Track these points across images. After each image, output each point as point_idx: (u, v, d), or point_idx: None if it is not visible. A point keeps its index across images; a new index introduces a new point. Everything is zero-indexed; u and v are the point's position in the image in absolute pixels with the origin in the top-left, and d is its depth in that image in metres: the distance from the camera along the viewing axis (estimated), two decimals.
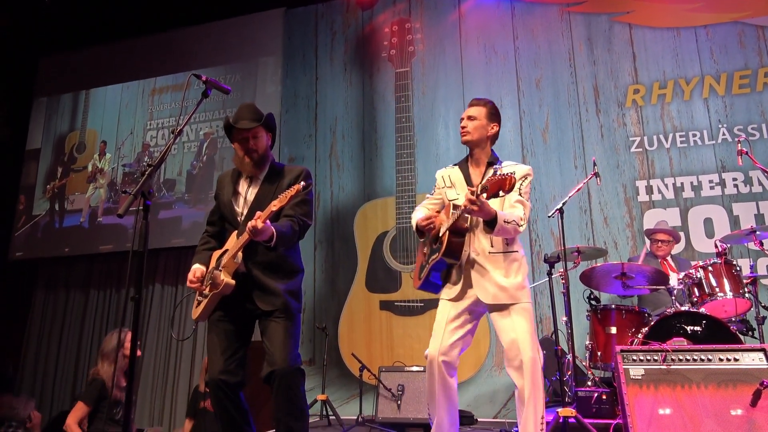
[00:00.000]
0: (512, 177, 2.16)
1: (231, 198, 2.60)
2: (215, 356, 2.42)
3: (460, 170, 2.70)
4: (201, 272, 2.48)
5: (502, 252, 2.51)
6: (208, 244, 2.66)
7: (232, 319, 2.47)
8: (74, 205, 7.02)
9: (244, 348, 2.49)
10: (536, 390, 2.37)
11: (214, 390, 2.38)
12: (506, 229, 2.40)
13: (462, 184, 2.63)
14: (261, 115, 2.55)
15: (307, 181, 2.52)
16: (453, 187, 2.68)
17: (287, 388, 2.34)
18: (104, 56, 7.37)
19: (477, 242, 2.52)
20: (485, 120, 2.64)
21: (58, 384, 6.58)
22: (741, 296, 3.47)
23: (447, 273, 2.59)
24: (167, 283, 6.54)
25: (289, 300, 2.48)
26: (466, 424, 4.21)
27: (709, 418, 2.46)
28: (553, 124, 5.42)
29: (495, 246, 2.51)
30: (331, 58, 6.35)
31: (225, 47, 6.78)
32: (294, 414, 2.35)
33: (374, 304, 5.51)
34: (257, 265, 2.46)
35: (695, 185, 4.93)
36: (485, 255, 2.50)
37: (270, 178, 2.58)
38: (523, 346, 2.37)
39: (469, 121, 2.63)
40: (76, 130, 7.30)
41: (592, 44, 5.48)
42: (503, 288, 2.46)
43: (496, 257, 2.50)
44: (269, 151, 2.64)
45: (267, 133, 2.61)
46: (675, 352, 2.69)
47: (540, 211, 5.20)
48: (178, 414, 6.03)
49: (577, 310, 4.04)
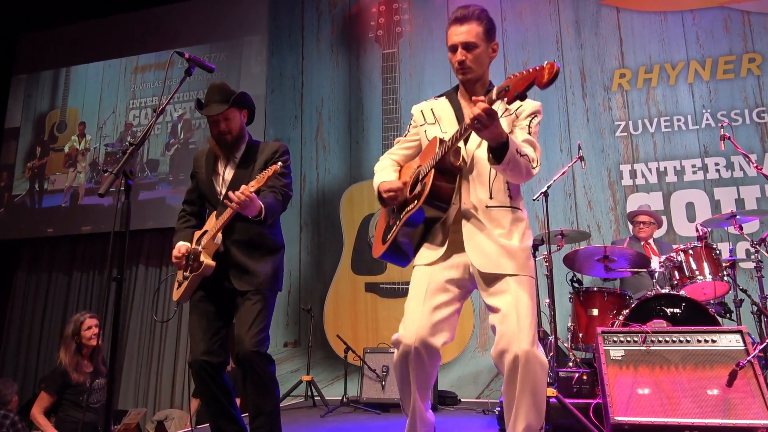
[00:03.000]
0: (553, 64, 1.51)
1: (211, 177, 2.56)
2: (197, 337, 2.41)
3: (449, 102, 2.05)
4: (186, 248, 2.45)
5: (507, 207, 1.89)
6: (188, 222, 2.62)
7: (213, 299, 2.46)
8: (55, 186, 6.92)
9: (226, 328, 2.47)
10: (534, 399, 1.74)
11: (197, 371, 2.37)
12: (518, 163, 1.74)
13: (451, 121, 1.99)
14: (230, 95, 2.47)
15: (284, 157, 2.50)
16: (437, 124, 2.03)
17: (253, 369, 2.33)
18: (85, 33, 7.21)
19: (471, 192, 1.88)
20: (484, 43, 1.95)
21: (41, 367, 6.54)
22: (720, 279, 3.53)
23: (424, 233, 1.95)
24: (151, 265, 6.50)
25: (266, 281, 2.44)
26: (450, 404, 4.27)
27: (687, 397, 2.52)
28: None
29: (496, 198, 1.88)
30: (318, 38, 6.28)
31: (210, 25, 6.67)
32: (261, 393, 2.34)
33: (360, 286, 5.53)
34: (236, 243, 2.44)
35: (678, 170, 4.98)
36: (482, 209, 1.86)
37: (246, 158, 2.53)
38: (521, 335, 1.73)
39: (466, 51, 1.93)
40: (57, 108, 7.15)
41: (580, 27, 5.48)
42: (511, 252, 1.83)
43: (497, 213, 1.87)
44: (244, 130, 2.58)
45: (240, 111, 2.54)
46: (655, 333, 2.74)
47: (525, 195, 5.21)
48: (162, 395, 6.03)
49: (559, 292, 4.09)
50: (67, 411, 3.69)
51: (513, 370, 1.72)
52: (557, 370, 3.32)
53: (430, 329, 1.82)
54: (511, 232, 1.87)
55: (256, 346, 2.33)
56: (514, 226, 1.88)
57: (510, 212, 1.89)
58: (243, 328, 2.34)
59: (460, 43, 1.93)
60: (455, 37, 1.94)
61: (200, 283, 2.43)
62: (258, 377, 2.33)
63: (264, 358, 2.36)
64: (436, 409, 4.03)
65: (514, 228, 1.88)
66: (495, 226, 1.85)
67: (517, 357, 1.70)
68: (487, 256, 1.83)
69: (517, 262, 1.83)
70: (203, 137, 6.36)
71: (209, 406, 2.42)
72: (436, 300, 1.86)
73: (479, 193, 1.88)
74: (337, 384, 5.14)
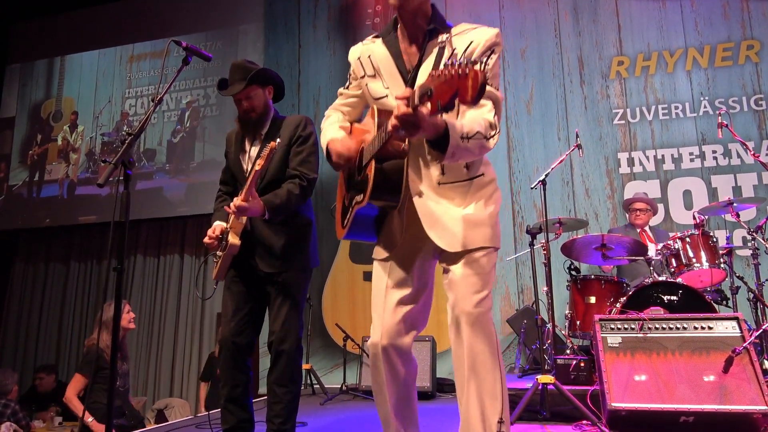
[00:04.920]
0: (478, 72, 1.22)
1: (239, 156, 2.57)
2: (227, 318, 2.45)
3: (386, 47, 1.73)
4: (221, 228, 2.45)
5: (462, 180, 1.65)
6: (224, 201, 2.61)
7: (244, 279, 2.48)
8: (52, 175, 6.89)
9: (256, 309, 2.49)
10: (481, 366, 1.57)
11: (225, 350, 2.41)
12: (467, 148, 1.51)
13: (392, 73, 1.71)
14: (249, 72, 2.46)
15: (306, 129, 2.52)
16: (377, 77, 1.75)
17: (281, 361, 2.37)
18: (79, 21, 7.14)
19: (423, 171, 1.66)
20: None
21: (39, 356, 6.56)
22: (717, 267, 3.55)
23: (381, 218, 1.76)
24: (149, 255, 6.50)
25: (295, 262, 2.45)
26: (448, 391, 4.30)
27: (683, 383, 2.54)
28: (538, 95, 5.41)
29: (449, 173, 1.64)
30: (314, 25, 6.23)
31: (205, 13, 6.62)
32: (284, 383, 2.38)
33: (358, 274, 5.54)
34: (261, 222, 2.44)
35: (676, 158, 4.98)
36: (434, 188, 1.64)
37: (270, 135, 2.52)
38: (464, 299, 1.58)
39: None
40: (52, 98, 7.11)
41: (578, 14, 5.45)
42: (477, 222, 1.62)
43: (452, 190, 1.65)
44: (269, 106, 2.58)
45: (263, 87, 2.52)
46: (652, 320, 2.75)
47: (523, 183, 5.23)
48: (162, 384, 6.06)
49: (557, 280, 4.10)
50: (97, 397, 3.70)
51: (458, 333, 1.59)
52: (555, 357, 3.34)
53: (395, 325, 1.68)
54: (469, 201, 1.64)
55: (287, 342, 2.37)
56: (477, 196, 1.65)
57: (468, 185, 1.65)
58: (276, 324, 2.39)
59: None
60: None
61: (232, 263, 2.44)
62: (286, 369, 2.38)
63: (294, 353, 2.40)
64: (435, 396, 4.06)
65: (473, 197, 1.65)
66: (449, 201, 1.63)
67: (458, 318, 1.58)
68: (453, 233, 1.61)
69: (477, 233, 1.61)
70: (212, 126, 6.35)
71: (225, 387, 2.42)
72: (397, 293, 1.71)
73: (431, 171, 1.64)
74: (336, 372, 5.17)
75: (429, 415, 3.30)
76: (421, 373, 4.04)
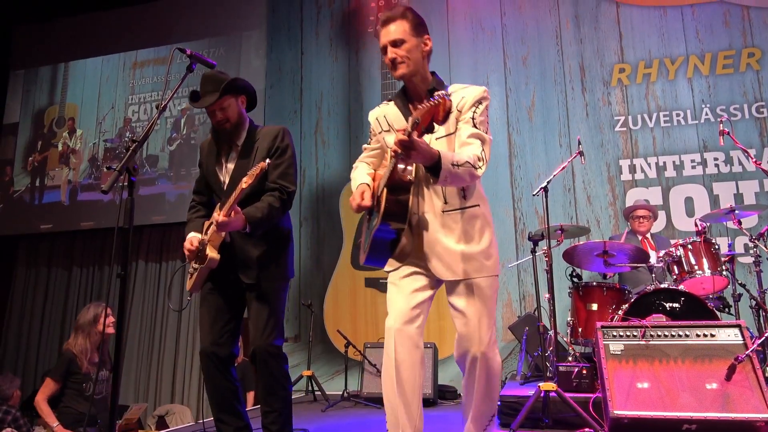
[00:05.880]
0: (446, 99, 1.63)
1: (215, 167, 2.55)
2: (205, 329, 2.42)
3: (398, 107, 2.10)
4: (198, 240, 2.44)
5: (459, 209, 1.96)
6: (199, 212, 2.61)
7: (221, 291, 2.46)
8: (54, 181, 6.91)
9: (235, 320, 2.47)
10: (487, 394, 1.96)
11: (205, 362, 2.38)
12: (457, 174, 1.81)
13: (402, 125, 2.00)
14: (222, 82, 2.43)
15: (284, 141, 2.49)
16: (391, 131, 2.08)
17: (266, 367, 2.35)
18: (83, 28, 7.18)
19: (427, 200, 1.97)
20: (413, 38, 1.99)
21: (41, 362, 6.55)
22: (719, 274, 3.55)
23: (395, 242, 1.98)
24: (151, 260, 6.51)
25: (273, 271, 2.44)
26: (450, 399, 4.29)
27: (686, 391, 2.53)
28: (539, 102, 5.42)
29: (450, 202, 1.96)
30: (317, 32, 6.26)
31: (208, 20, 6.65)
32: (273, 391, 2.36)
33: (359, 281, 5.54)
34: (240, 234, 2.42)
35: (677, 165, 4.99)
36: (438, 215, 1.96)
37: (247, 146, 2.50)
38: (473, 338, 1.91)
39: (396, 48, 1.98)
40: (56, 104, 7.14)
41: (580, 22, 5.47)
42: (468, 256, 1.92)
43: (452, 217, 1.95)
44: (244, 116, 2.54)
45: (236, 97, 2.50)
46: (654, 328, 2.75)
47: (525, 190, 5.24)
48: (162, 390, 6.05)
49: (559, 287, 4.09)
50: (69, 402, 3.67)
51: (472, 369, 1.92)
52: (557, 365, 3.33)
53: (411, 310, 1.94)
54: (469, 234, 1.95)
55: (269, 344, 2.35)
56: (470, 227, 1.95)
57: (465, 213, 1.96)
58: (256, 327, 2.36)
59: (388, 42, 1.99)
60: (383, 38, 2.01)
61: (209, 275, 2.44)
62: (272, 375, 2.36)
63: (278, 356, 2.38)
64: (437, 404, 4.05)
65: (471, 228, 1.95)
66: (449, 232, 1.95)
67: (476, 358, 1.90)
68: (447, 264, 1.93)
69: (475, 265, 1.93)
70: (206, 132, 6.36)
71: (213, 399, 2.42)
72: (411, 285, 1.98)
73: (434, 200, 1.97)
74: (337, 379, 5.16)
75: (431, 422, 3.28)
76: None
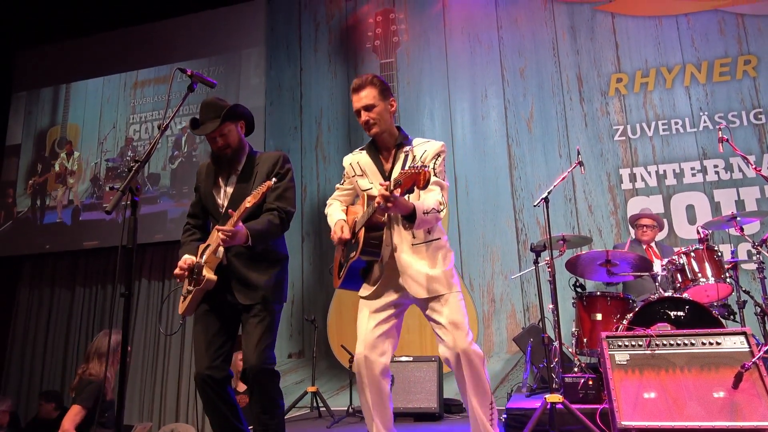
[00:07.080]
0: (427, 172, 1.96)
1: (212, 190, 2.58)
2: (200, 352, 2.42)
3: (370, 157, 2.46)
4: (191, 261, 2.46)
5: (424, 242, 2.35)
6: (193, 235, 2.63)
7: (217, 312, 2.47)
8: (55, 202, 6.94)
9: (229, 342, 2.48)
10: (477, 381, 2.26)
11: (201, 385, 2.38)
12: (427, 220, 2.21)
13: (374, 173, 2.43)
14: (222, 109, 2.47)
15: (284, 167, 2.54)
16: (364, 176, 2.46)
17: (259, 385, 2.36)
18: (84, 49, 7.25)
19: (398, 235, 2.35)
20: (381, 102, 2.38)
21: (45, 382, 6.52)
22: (722, 281, 3.54)
23: (367, 270, 2.39)
24: (154, 279, 6.51)
25: (270, 293, 2.46)
26: (455, 412, 4.26)
27: (693, 400, 2.52)
28: (538, 113, 5.45)
29: (418, 236, 2.35)
30: (315, 49, 6.32)
31: (207, 39, 6.71)
32: (267, 411, 2.36)
33: None
34: (238, 256, 2.45)
35: (677, 172, 5.00)
36: (409, 247, 2.34)
37: (247, 171, 2.54)
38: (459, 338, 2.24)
39: (368, 112, 2.37)
40: (58, 125, 7.19)
41: (576, 33, 5.51)
42: (435, 278, 2.30)
43: (419, 248, 2.34)
44: (243, 141, 2.59)
45: (236, 123, 2.54)
46: (659, 337, 2.74)
47: (526, 201, 5.25)
48: (167, 409, 6.02)
49: (563, 297, 4.09)
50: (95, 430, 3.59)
51: (458, 364, 2.25)
52: (563, 376, 3.32)
53: (374, 341, 2.34)
54: (435, 261, 2.33)
55: (263, 363, 2.35)
56: (435, 256, 2.34)
57: (429, 245, 2.35)
58: (249, 346, 2.37)
59: (361, 107, 2.38)
60: (356, 103, 2.40)
61: (204, 297, 2.45)
62: (265, 394, 2.36)
63: (270, 374, 2.39)
64: (443, 418, 4.03)
65: (436, 257, 2.34)
66: (420, 258, 2.33)
67: (459, 355, 2.23)
68: (420, 284, 2.30)
69: (441, 284, 2.30)
70: (207, 150, 6.39)
71: (214, 421, 2.42)
72: (376, 317, 2.36)
73: (404, 235, 2.35)
74: (342, 394, 5.13)
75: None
76: (427, 394, 4.01)
